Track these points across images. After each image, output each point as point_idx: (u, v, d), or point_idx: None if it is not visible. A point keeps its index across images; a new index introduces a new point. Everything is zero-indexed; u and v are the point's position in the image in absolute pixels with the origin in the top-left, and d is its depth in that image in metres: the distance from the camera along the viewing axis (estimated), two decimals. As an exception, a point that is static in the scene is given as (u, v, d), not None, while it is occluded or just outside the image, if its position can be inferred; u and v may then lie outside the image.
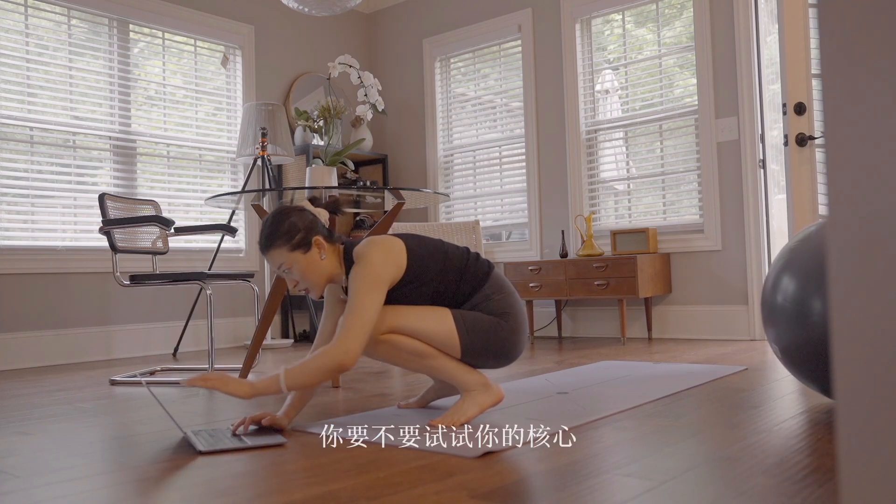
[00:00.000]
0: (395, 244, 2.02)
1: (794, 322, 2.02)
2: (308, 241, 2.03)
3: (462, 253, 2.11)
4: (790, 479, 1.42)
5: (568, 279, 4.60)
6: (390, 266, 1.97)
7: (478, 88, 5.69)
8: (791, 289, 2.06)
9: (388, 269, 1.96)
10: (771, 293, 2.14)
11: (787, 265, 2.12)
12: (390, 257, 1.98)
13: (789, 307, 2.04)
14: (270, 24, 5.54)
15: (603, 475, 1.48)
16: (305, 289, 2.06)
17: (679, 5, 4.71)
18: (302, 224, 2.04)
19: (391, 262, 1.97)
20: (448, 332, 1.98)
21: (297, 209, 2.07)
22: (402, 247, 2.03)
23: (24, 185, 4.25)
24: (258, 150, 4.68)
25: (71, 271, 4.38)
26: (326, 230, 2.10)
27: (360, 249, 1.99)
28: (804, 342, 2.00)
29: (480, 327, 2.01)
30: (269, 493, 1.43)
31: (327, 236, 2.08)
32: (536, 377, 2.95)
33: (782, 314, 2.07)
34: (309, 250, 2.03)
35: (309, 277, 2.04)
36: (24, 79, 4.29)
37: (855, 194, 0.69)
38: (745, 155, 4.38)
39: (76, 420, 2.34)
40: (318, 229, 2.06)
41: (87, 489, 1.51)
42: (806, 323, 1.99)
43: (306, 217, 2.06)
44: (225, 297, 5.11)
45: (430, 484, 1.45)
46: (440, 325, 1.98)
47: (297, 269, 2.02)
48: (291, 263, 2.02)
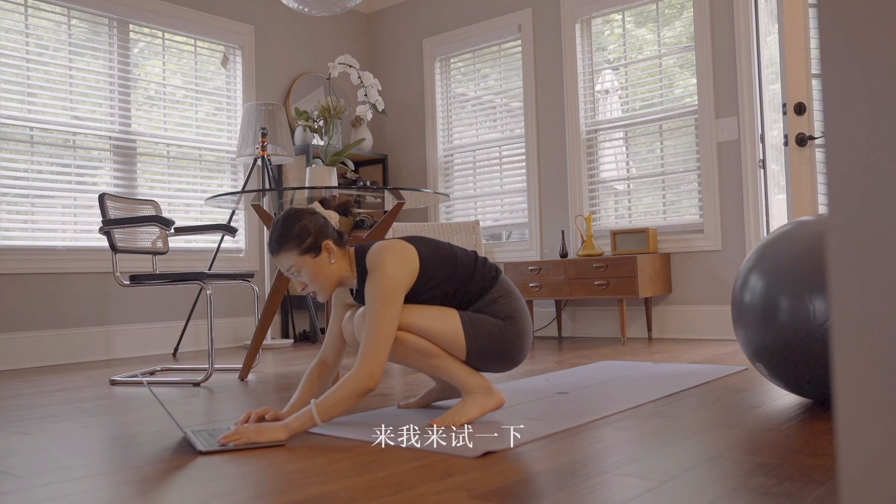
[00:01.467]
0: (408, 252, 2.01)
1: (762, 321, 2.03)
2: (318, 245, 2.03)
3: (470, 257, 2.11)
4: (790, 479, 1.42)
5: (568, 279, 4.60)
6: (405, 276, 1.97)
7: (478, 88, 5.69)
8: (759, 287, 2.07)
9: (403, 279, 1.96)
10: (740, 292, 2.15)
11: (756, 264, 2.14)
12: (405, 267, 1.98)
13: (758, 306, 2.06)
14: (270, 24, 5.54)
15: (603, 475, 1.48)
16: (313, 291, 2.06)
17: (679, 5, 4.71)
18: (313, 228, 2.04)
19: (406, 271, 1.97)
20: (455, 332, 1.99)
21: (309, 212, 2.07)
22: (415, 253, 2.02)
23: (24, 185, 4.25)
24: (258, 150, 4.68)
25: (71, 271, 4.38)
26: (337, 233, 2.09)
27: (373, 259, 1.98)
28: (772, 342, 2.01)
29: (486, 330, 2.01)
30: (269, 493, 1.43)
31: (337, 240, 2.08)
32: (536, 377, 2.95)
33: (750, 313, 2.09)
34: (319, 254, 2.03)
35: (318, 281, 2.04)
36: (24, 79, 4.29)
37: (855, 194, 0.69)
38: (745, 155, 4.38)
39: (76, 420, 2.34)
40: (328, 233, 2.06)
41: (87, 489, 1.51)
42: (773, 322, 2.00)
43: (317, 220, 2.06)
44: (225, 297, 5.11)
45: (430, 484, 1.45)
46: (447, 325, 1.99)
47: (307, 272, 2.02)
48: (301, 267, 2.02)
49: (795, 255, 2.05)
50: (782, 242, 2.12)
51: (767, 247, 2.16)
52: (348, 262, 2.09)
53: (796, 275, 2.01)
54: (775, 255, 2.10)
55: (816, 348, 1.94)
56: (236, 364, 3.85)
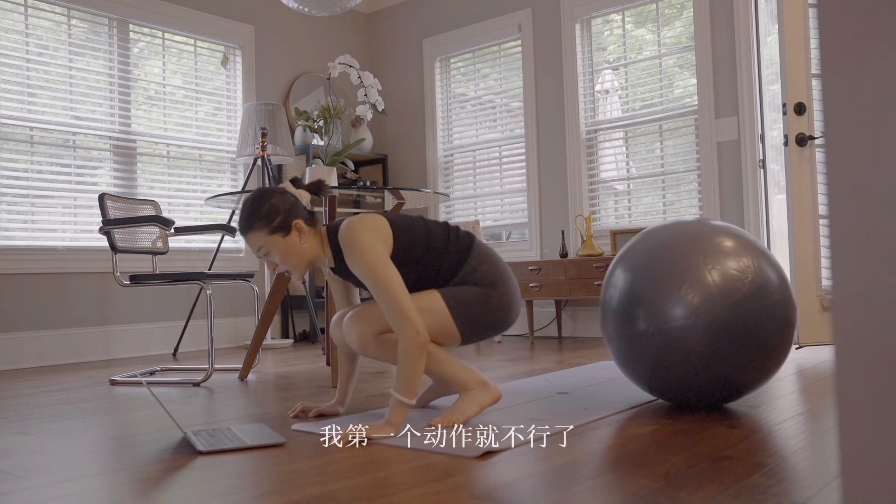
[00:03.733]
0: (378, 222, 2.02)
1: (623, 320, 2.06)
2: (288, 224, 2.02)
3: (442, 227, 2.11)
4: (790, 479, 1.42)
5: (568, 279, 4.60)
6: (381, 243, 1.97)
7: (478, 88, 5.69)
8: (620, 284, 2.10)
9: (380, 247, 1.96)
10: (604, 290, 2.18)
11: (618, 262, 2.17)
12: (378, 237, 1.98)
13: (616, 305, 2.08)
14: (270, 24, 5.54)
15: (603, 475, 1.48)
16: (287, 270, 2.06)
17: (679, 5, 4.71)
18: (283, 207, 2.03)
19: (380, 239, 1.98)
20: (441, 314, 2.00)
21: (279, 191, 2.07)
22: (386, 223, 2.03)
23: (24, 185, 4.25)
24: (258, 150, 4.69)
25: (71, 271, 4.38)
26: (308, 213, 2.09)
27: (346, 236, 1.96)
28: (631, 341, 2.04)
29: (472, 302, 2.02)
30: (269, 493, 1.42)
31: (308, 219, 2.07)
32: (536, 377, 2.95)
33: (609, 312, 2.11)
34: (289, 234, 2.02)
35: (289, 260, 2.04)
36: (24, 79, 4.29)
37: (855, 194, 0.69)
38: (745, 155, 4.38)
39: (76, 420, 2.34)
40: (298, 212, 2.05)
41: (87, 489, 1.51)
42: (632, 321, 2.02)
43: (287, 199, 2.05)
44: (225, 297, 5.11)
45: (430, 484, 1.45)
46: (433, 313, 1.99)
47: (277, 252, 2.02)
48: (270, 247, 2.02)
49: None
50: (647, 239, 2.16)
51: (632, 244, 2.21)
52: (320, 241, 2.09)
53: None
54: (637, 252, 2.16)
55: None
56: (236, 364, 3.85)
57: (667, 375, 2.02)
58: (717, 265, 1.98)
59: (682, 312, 1.95)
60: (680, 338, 1.95)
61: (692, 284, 1.96)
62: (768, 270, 2.02)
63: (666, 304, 1.97)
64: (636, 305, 2.03)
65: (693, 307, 1.94)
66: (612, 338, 2.13)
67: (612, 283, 2.15)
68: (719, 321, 1.93)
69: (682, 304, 1.95)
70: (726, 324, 1.93)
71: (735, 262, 1.99)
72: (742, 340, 1.94)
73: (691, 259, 1.99)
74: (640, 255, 2.10)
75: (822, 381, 2.65)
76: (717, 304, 1.94)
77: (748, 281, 1.96)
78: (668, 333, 1.97)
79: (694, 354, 1.95)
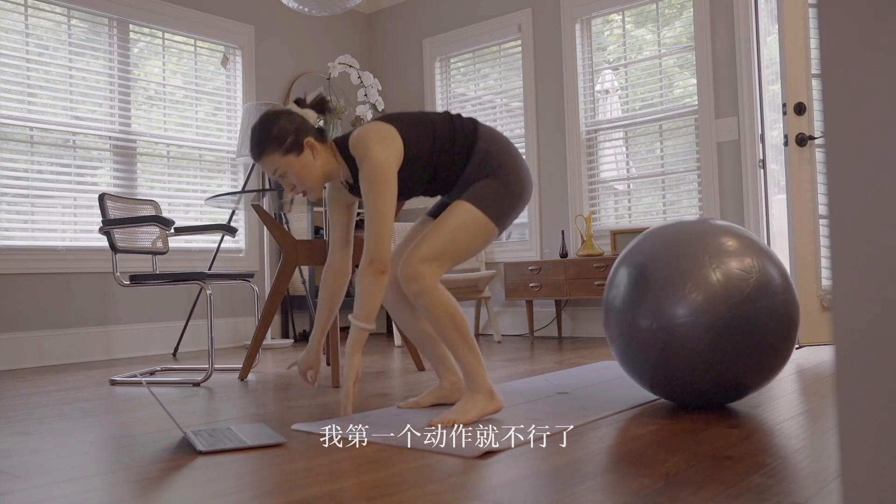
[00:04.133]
0: (388, 131, 2.03)
1: (626, 318, 2.06)
2: (300, 142, 2.03)
3: (445, 118, 2.12)
4: (790, 479, 1.42)
5: (568, 279, 4.60)
6: (392, 156, 1.99)
7: (478, 88, 5.69)
8: (624, 283, 2.10)
9: (391, 161, 1.99)
10: (607, 290, 2.18)
11: (621, 261, 2.17)
12: (390, 148, 2.00)
13: (619, 304, 2.09)
14: (270, 24, 5.54)
15: (603, 475, 1.48)
16: (303, 191, 2.07)
17: (679, 5, 4.71)
18: (291, 127, 2.04)
19: (392, 151, 2.00)
20: (475, 218, 2.03)
21: (285, 112, 2.08)
22: (395, 131, 2.04)
23: (24, 185, 4.25)
24: (258, 150, 4.68)
25: (71, 271, 4.38)
26: (316, 130, 2.10)
27: (358, 147, 1.99)
28: (634, 339, 2.04)
29: (490, 195, 2.05)
30: (269, 493, 1.42)
31: (318, 136, 2.08)
32: (536, 377, 2.95)
33: (613, 311, 2.11)
34: (302, 152, 2.03)
35: (305, 180, 2.05)
36: (24, 79, 4.29)
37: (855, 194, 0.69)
38: (745, 155, 4.38)
39: (76, 420, 2.34)
40: (308, 130, 2.07)
41: (87, 489, 1.51)
42: (635, 319, 2.02)
43: (295, 119, 2.06)
44: (225, 297, 5.11)
45: (430, 484, 1.45)
46: (470, 221, 2.03)
47: (293, 172, 2.03)
48: (286, 168, 2.03)
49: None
50: (651, 239, 2.17)
51: (636, 244, 2.22)
52: (332, 155, 2.10)
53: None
54: (641, 252, 2.17)
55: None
56: (236, 364, 3.85)
57: (669, 374, 2.02)
58: (722, 264, 1.98)
59: (686, 310, 1.95)
60: (683, 336, 1.96)
61: (696, 283, 1.96)
62: (772, 271, 2.02)
63: (670, 302, 1.97)
64: (639, 303, 2.03)
65: (697, 305, 1.94)
66: (615, 336, 2.13)
67: (615, 282, 2.15)
68: (722, 320, 1.93)
69: (685, 303, 1.95)
70: (729, 323, 1.93)
71: (739, 262, 1.99)
72: (745, 339, 1.94)
73: (696, 258, 2.00)
74: (644, 254, 2.10)
75: (822, 381, 2.65)
76: (721, 303, 1.94)
77: (752, 281, 1.97)
78: (672, 331, 1.97)
79: (697, 353, 1.95)
